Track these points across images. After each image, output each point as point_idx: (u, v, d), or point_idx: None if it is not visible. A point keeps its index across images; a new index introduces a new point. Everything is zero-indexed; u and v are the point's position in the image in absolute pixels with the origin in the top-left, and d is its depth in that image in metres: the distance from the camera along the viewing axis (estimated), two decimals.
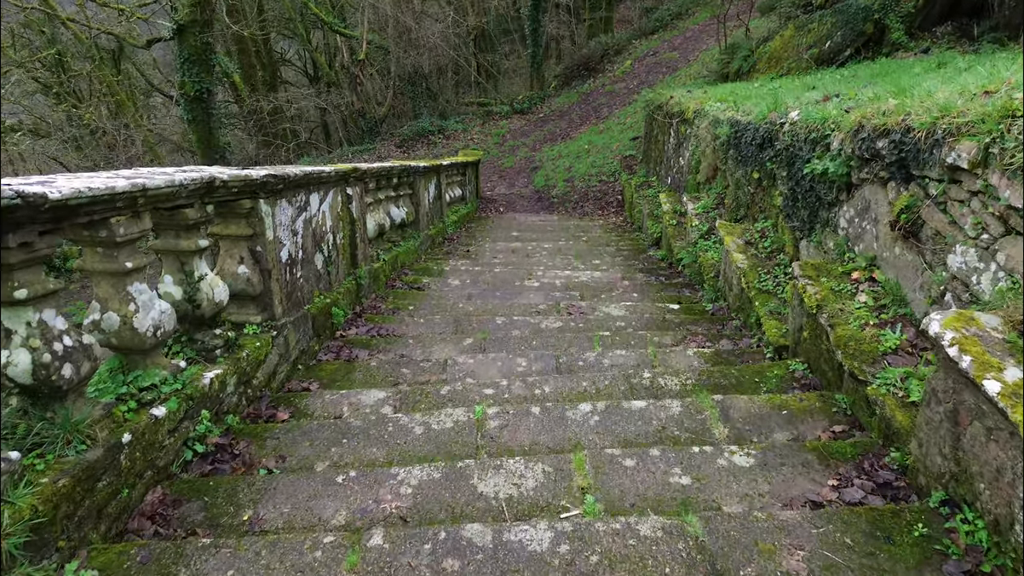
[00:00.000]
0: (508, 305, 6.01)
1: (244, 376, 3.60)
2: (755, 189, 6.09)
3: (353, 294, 5.72)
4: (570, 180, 16.29)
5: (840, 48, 13.42)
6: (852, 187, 4.09)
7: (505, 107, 22.96)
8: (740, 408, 3.39)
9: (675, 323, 5.40)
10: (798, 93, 7.79)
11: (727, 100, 8.63)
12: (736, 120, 6.62)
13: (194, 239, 3.28)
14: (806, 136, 4.64)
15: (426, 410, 3.65)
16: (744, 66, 15.29)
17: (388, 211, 7.57)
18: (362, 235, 6.04)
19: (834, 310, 3.56)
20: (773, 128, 5.44)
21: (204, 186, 3.12)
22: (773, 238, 5.46)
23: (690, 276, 7.11)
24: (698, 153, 8.42)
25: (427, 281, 7.05)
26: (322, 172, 4.76)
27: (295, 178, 4.13)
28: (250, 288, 3.87)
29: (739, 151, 6.45)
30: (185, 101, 15.37)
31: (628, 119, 18.69)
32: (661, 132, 11.98)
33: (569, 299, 6.31)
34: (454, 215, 11.68)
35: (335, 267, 5.35)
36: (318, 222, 4.92)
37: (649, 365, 4.31)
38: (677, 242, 8.04)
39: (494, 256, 9.13)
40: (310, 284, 4.75)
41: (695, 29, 24.26)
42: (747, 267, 5.17)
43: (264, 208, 3.82)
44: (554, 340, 4.90)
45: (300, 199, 4.49)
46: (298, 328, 4.36)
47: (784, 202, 5.15)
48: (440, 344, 4.89)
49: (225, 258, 3.87)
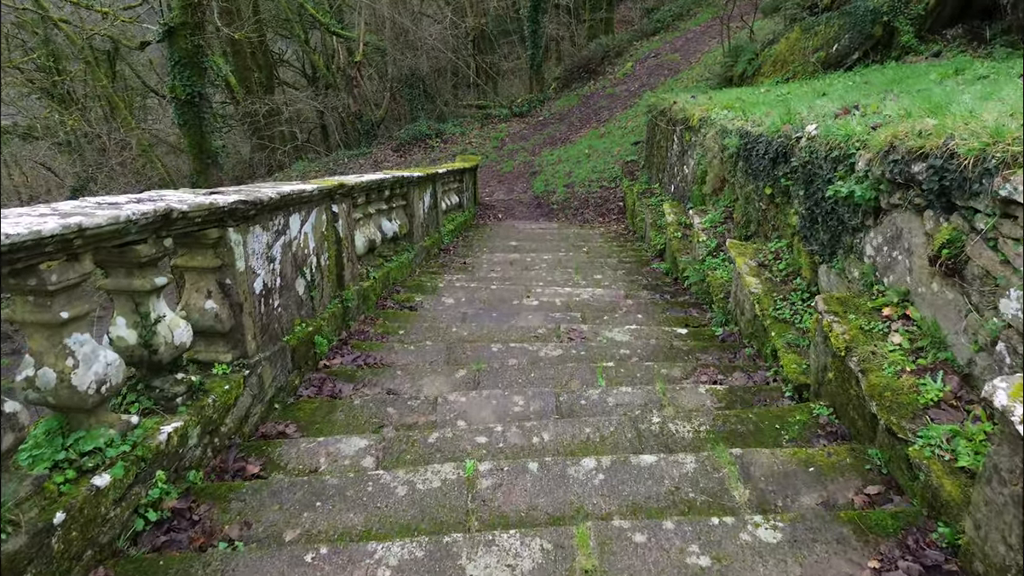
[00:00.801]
0: (505, 329, 5.64)
1: (210, 425, 3.24)
2: (767, 205, 5.73)
3: (339, 318, 5.36)
4: (570, 186, 15.93)
5: (848, 51, 13.07)
6: (880, 212, 3.73)
7: (504, 110, 22.60)
8: (762, 465, 3.03)
9: (683, 351, 5.04)
10: (809, 101, 7.44)
11: (734, 107, 8.27)
12: (746, 131, 6.26)
13: (149, 278, 2.91)
14: (826, 153, 4.28)
15: (411, 464, 3.29)
16: (748, 69, 14.94)
17: (379, 225, 7.21)
18: (350, 254, 5.68)
19: (865, 353, 3.20)
20: (788, 142, 5.08)
21: (159, 219, 2.76)
22: (788, 260, 5.10)
23: (697, 294, 6.75)
24: (704, 163, 8.06)
25: (420, 300, 6.68)
26: (303, 191, 4.40)
27: (270, 202, 3.77)
28: (218, 325, 3.51)
29: (749, 164, 6.09)
30: (176, 105, 15.00)
31: (629, 123, 18.33)
32: (664, 138, 11.62)
33: (569, 321, 5.95)
34: (451, 224, 11.32)
35: (319, 291, 4.99)
36: (299, 245, 4.56)
37: (658, 405, 3.95)
38: (682, 256, 7.69)
39: (491, 269, 8.77)
40: (290, 312, 4.39)
41: (697, 30, 23.91)
42: (761, 292, 4.81)
43: (234, 237, 3.46)
44: (553, 372, 4.54)
45: (278, 222, 4.13)
46: (275, 364, 4.00)
47: (801, 223, 4.79)
48: (431, 376, 4.53)
49: (191, 292, 3.51)
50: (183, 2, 13.89)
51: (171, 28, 14.14)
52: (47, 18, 23.34)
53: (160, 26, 14.35)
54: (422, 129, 20.71)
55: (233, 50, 22.71)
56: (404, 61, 22.24)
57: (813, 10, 15.52)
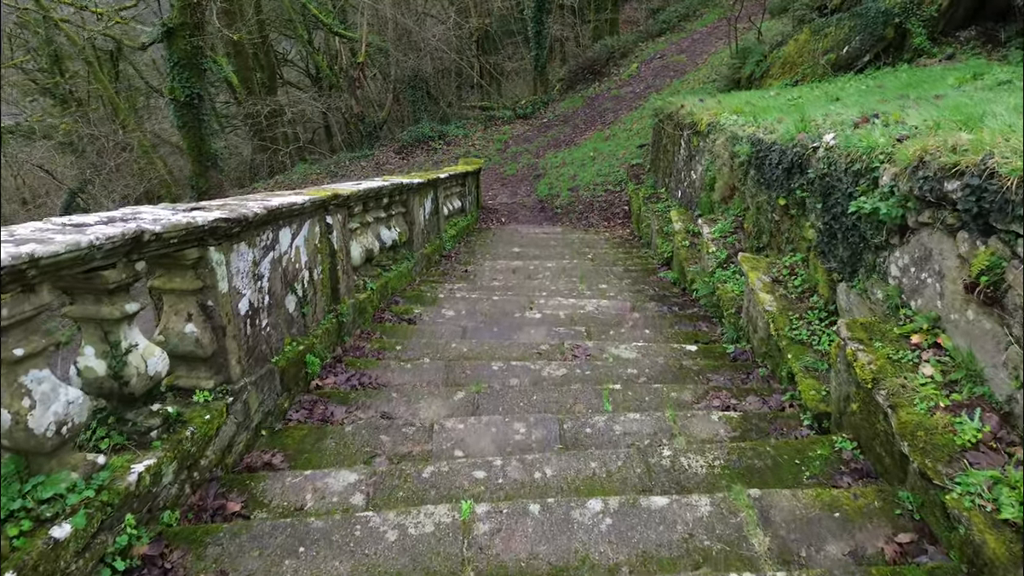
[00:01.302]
0: (506, 345, 5.41)
1: (188, 460, 3.02)
2: (781, 217, 5.49)
3: (334, 334, 5.14)
4: (574, 189, 15.70)
5: (859, 54, 12.81)
6: (907, 230, 3.49)
7: (508, 112, 22.37)
8: (783, 508, 2.79)
9: (693, 371, 4.80)
10: (822, 107, 7.20)
11: (743, 112, 8.03)
12: (758, 138, 6.02)
13: (119, 304, 2.69)
14: (847, 166, 4.04)
15: (404, 501, 3.06)
16: (757, 71, 14.67)
17: (378, 233, 6.98)
18: (345, 266, 5.46)
19: (894, 386, 2.96)
20: (804, 152, 4.84)
21: (129, 242, 2.53)
22: (804, 276, 4.85)
23: (706, 307, 6.51)
24: (713, 170, 7.82)
25: (419, 312, 6.46)
26: (293, 204, 4.18)
27: (256, 218, 3.54)
28: (199, 350, 3.28)
29: (762, 173, 5.85)
30: (175, 106, 14.81)
31: (635, 125, 18.09)
32: (671, 143, 11.37)
33: (574, 337, 5.71)
34: (452, 229, 11.10)
35: (312, 307, 4.77)
36: (289, 260, 4.34)
37: (668, 434, 3.71)
38: (690, 265, 7.44)
39: (493, 278, 8.54)
40: (279, 331, 4.17)
41: (703, 31, 23.65)
42: (776, 311, 4.57)
43: (215, 257, 3.24)
44: (557, 395, 4.31)
45: (266, 238, 3.90)
46: (262, 388, 3.78)
47: (818, 238, 4.55)
48: (427, 399, 4.30)
49: (169, 315, 3.29)
50: (182, 2, 13.70)
51: (170, 29, 13.95)
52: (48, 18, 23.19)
53: (159, 27, 14.15)
54: (425, 131, 20.49)
55: (235, 51, 22.51)
56: (407, 62, 22.03)
57: (822, 11, 15.25)
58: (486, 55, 27.72)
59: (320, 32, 27.73)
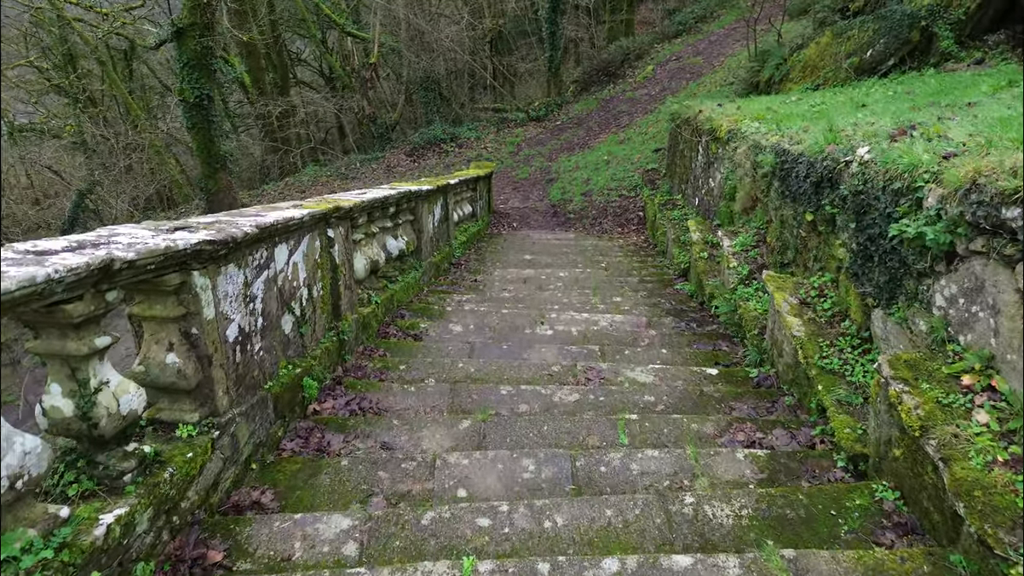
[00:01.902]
0: (515, 365, 5.13)
1: (166, 504, 2.77)
2: (807, 233, 5.18)
3: (334, 353, 4.89)
4: (588, 194, 15.40)
5: (883, 57, 12.43)
6: (955, 258, 3.18)
7: (520, 114, 22.10)
8: (821, 573, 2.50)
9: (715, 398, 4.50)
10: (848, 114, 6.89)
11: (765, 119, 7.72)
12: (783, 148, 5.71)
13: (87, 339, 2.44)
14: (885, 184, 3.73)
15: (401, 552, 2.79)
16: (776, 75, 14.30)
17: (384, 243, 6.73)
18: (347, 281, 5.20)
19: (945, 435, 2.66)
20: (835, 166, 4.53)
21: (96, 273, 2.29)
22: (834, 299, 4.54)
23: (725, 324, 6.20)
24: (733, 179, 7.51)
25: (425, 327, 6.20)
26: (290, 219, 3.92)
27: (247, 237, 3.29)
28: (182, 382, 3.03)
29: (787, 186, 5.54)
30: (185, 107, 14.65)
31: (650, 128, 17.76)
32: (688, 148, 11.06)
33: (587, 357, 5.43)
34: (463, 235, 10.84)
35: (310, 326, 4.52)
36: (286, 278, 4.09)
37: (690, 474, 3.42)
38: (709, 279, 7.14)
39: (504, 288, 8.27)
40: (274, 355, 3.92)
41: (720, 33, 23.27)
42: (804, 336, 4.27)
43: (199, 282, 2.99)
44: (569, 425, 4.03)
45: (259, 256, 3.65)
46: (253, 418, 3.53)
47: (851, 259, 4.24)
48: (431, 428, 4.03)
49: (150, 344, 3.04)
50: (192, 2, 13.52)
51: (180, 29, 13.78)
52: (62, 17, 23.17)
53: (169, 26, 13.99)
54: (436, 133, 20.26)
55: (247, 51, 22.38)
56: (419, 63, 21.80)
57: (844, 13, 14.86)
58: (499, 56, 27.47)
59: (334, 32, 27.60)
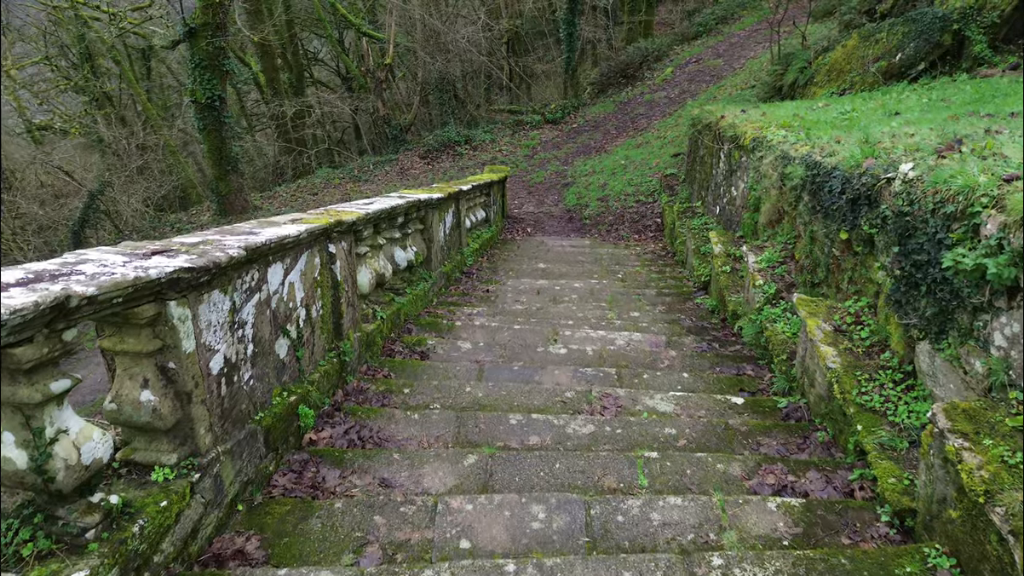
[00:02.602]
0: (527, 390, 4.82)
1: (136, 560, 2.49)
2: (842, 252, 4.83)
3: (334, 375, 4.61)
4: (604, 199, 15.06)
5: (912, 61, 12.00)
6: (1020, 292, 2.84)
7: (536, 116, 21.78)
8: None
9: (742, 432, 4.17)
10: (880, 121, 6.53)
11: (792, 127, 7.36)
12: (814, 160, 5.36)
13: (40, 385, 2.17)
14: (935, 206, 3.39)
15: None
16: (800, 79, 13.88)
17: (391, 255, 6.46)
18: (349, 298, 4.92)
19: (1015, 504, 2.32)
20: (874, 182, 4.18)
21: (48, 312, 2.01)
22: (873, 327, 4.19)
23: (750, 344, 5.86)
24: (758, 190, 7.15)
25: (432, 343, 5.91)
26: (285, 237, 3.64)
27: (233, 261, 3.01)
28: (158, 421, 2.76)
29: (818, 200, 5.19)
30: (196, 108, 14.48)
31: (669, 132, 17.38)
32: (709, 155, 10.69)
33: (603, 381, 5.11)
34: (475, 242, 10.56)
35: (308, 349, 4.24)
36: (281, 299, 3.81)
37: (717, 526, 3.10)
38: (731, 294, 6.80)
39: (516, 299, 7.97)
40: (267, 383, 3.64)
41: (741, 35, 22.83)
42: (840, 368, 3.93)
43: (177, 312, 2.71)
44: (583, 463, 3.72)
45: (249, 279, 3.38)
46: (240, 455, 3.25)
47: (893, 286, 3.89)
48: (433, 463, 3.74)
49: (123, 380, 2.77)
50: (204, 2, 13.34)
51: (192, 29, 13.62)
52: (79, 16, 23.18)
53: (181, 26, 13.83)
54: (451, 136, 19.99)
55: (261, 51, 22.24)
56: (434, 64, 21.54)
57: (872, 15, 14.42)
58: (516, 57, 27.17)
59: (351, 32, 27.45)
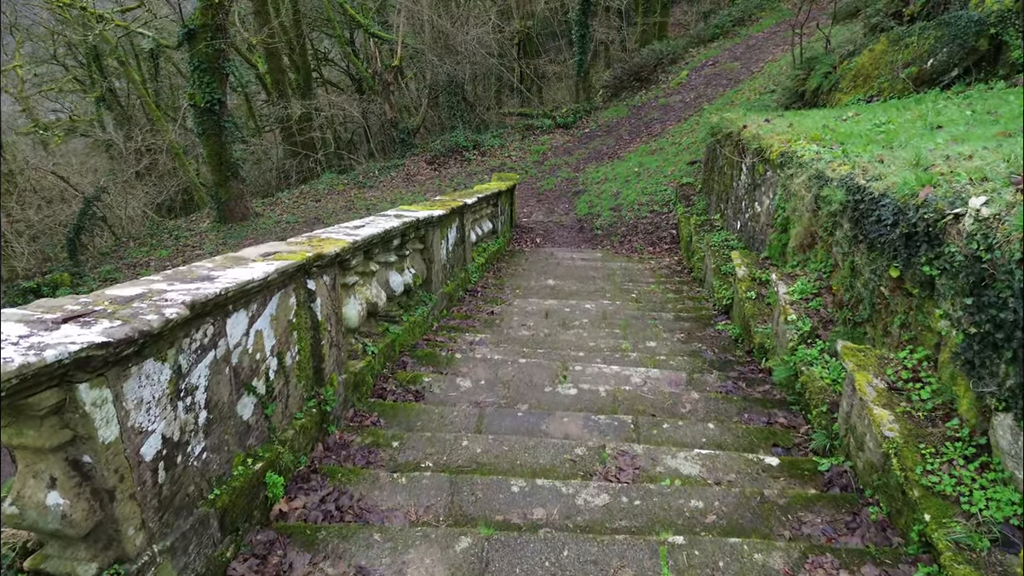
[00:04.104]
0: (531, 446, 4.26)
1: None
2: (891, 291, 4.24)
3: (314, 428, 4.07)
4: (617, 209, 14.47)
5: (945, 68, 11.36)
6: None
7: (547, 120, 21.20)
8: None
9: (780, 506, 3.59)
10: (921, 135, 5.95)
11: (824, 141, 6.77)
12: (856, 184, 4.77)
13: None
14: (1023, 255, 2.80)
15: None
16: (825, 84, 13.23)
17: (386, 280, 5.92)
18: (333, 337, 4.38)
19: None
20: (937, 218, 3.59)
21: None
22: (935, 387, 3.60)
23: (780, 385, 5.28)
24: (787, 209, 6.56)
25: (428, 381, 5.36)
26: (248, 283, 3.10)
27: (172, 324, 2.46)
28: (70, 528, 2.22)
29: (861, 229, 4.60)
30: (195, 112, 14.02)
31: (684, 138, 16.77)
32: (729, 166, 10.09)
33: (617, 433, 4.54)
34: (481, 256, 10.01)
35: (280, 402, 3.70)
36: (245, 352, 3.28)
37: None
38: (758, 324, 6.21)
39: (523, 323, 7.41)
40: (226, 452, 3.10)
41: (759, 37, 22.16)
42: (900, 438, 3.34)
43: (90, 396, 2.17)
44: (596, 551, 3.15)
45: (200, 336, 2.84)
46: (184, 549, 2.71)
47: (964, 343, 3.30)
48: (420, 547, 3.18)
49: (25, 478, 2.23)
50: (204, 3, 12.87)
51: (191, 31, 13.16)
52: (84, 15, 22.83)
53: (180, 28, 13.36)
54: (459, 140, 19.44)
55: (267, 51, 21.79)
56: (443, 66, 20.99)
57: (899, 18, 13.77)
58: (528, 59, 26.60)
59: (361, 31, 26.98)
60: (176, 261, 13.62)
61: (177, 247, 14.63)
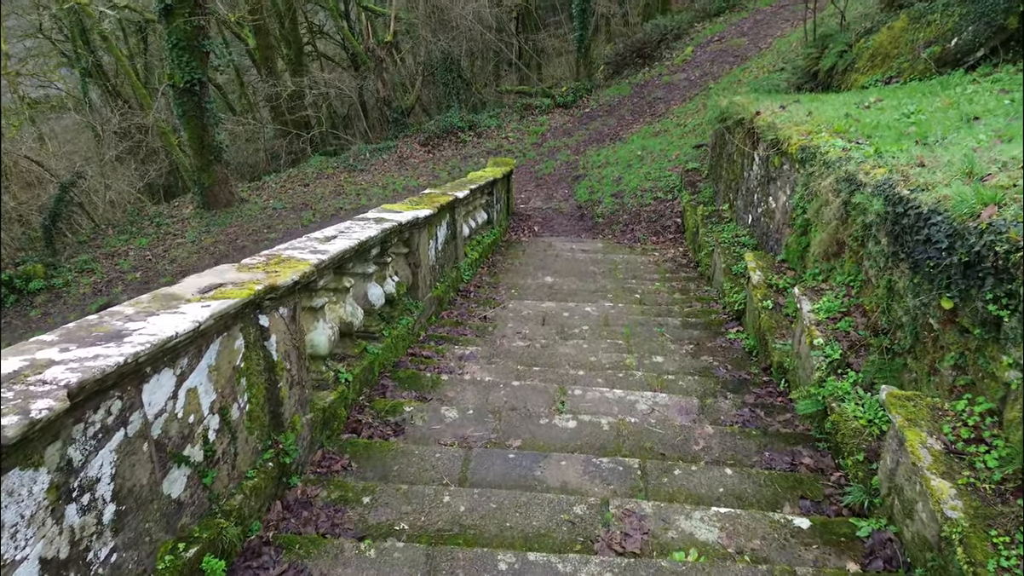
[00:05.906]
0: (524, 503, 3.69)
1: None
2: (942, 324, 3.64)
3: (270, 484, 3.50)
4: (618, 195, 13.81)
5: (970, 47, 10.63)
6: None
7: (546, 99, 20.39)
8: None
9: None
10: (957, 129, 5.35)
11: (848, 133, 6.15)
12: (898, 194, 4.14)
13: None
14: None
15: None
16: (840, 64, 12.48)
17: (364, 293, 5.32)
18: (294, 376, 3.80)
19: None
20: (1009, 249, 2.98)
21: None
22: (1004, 451, 3.02)
23: (804, 418, 4.70)
24: (809, 211, 5.93)
25: (410, 411, 4.79)
26: (170, 339, 2.50)
27: (41, 424, 1.87)
28: None
29: (904, 248, 3.99)
30: (175, 93, 13.28)
31: (689, 119, 16.04)
32: (739, 155, 9.43)
33: (622, 485, 3.97)
34: (475, 251, 9.40)
35: (225, 465, 3.13)
36: (173, 418, 2.69)
37: None
38: (776, 339, 5.64)
39: (517, 331, 6.83)
40: (146, 545, 2.53)
41: (766, 11, 21.28)
42: (964, 518, 2.77)
43: None
44: None
45: (102, 416, 2.25)
46: None
47: None
48: None
49: None
50: None
51: (168, 6, 12.38)
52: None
53: (157, 3, 12.58)
54: (454, 121, 18.66)
55: (255, 27, 20.90)
56: (438, 42, 20.12)
57: None
58: (527, 33, 25.68)
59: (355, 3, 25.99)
60: (156, 250, 13.01)
61: (158, 235, 13.99)
